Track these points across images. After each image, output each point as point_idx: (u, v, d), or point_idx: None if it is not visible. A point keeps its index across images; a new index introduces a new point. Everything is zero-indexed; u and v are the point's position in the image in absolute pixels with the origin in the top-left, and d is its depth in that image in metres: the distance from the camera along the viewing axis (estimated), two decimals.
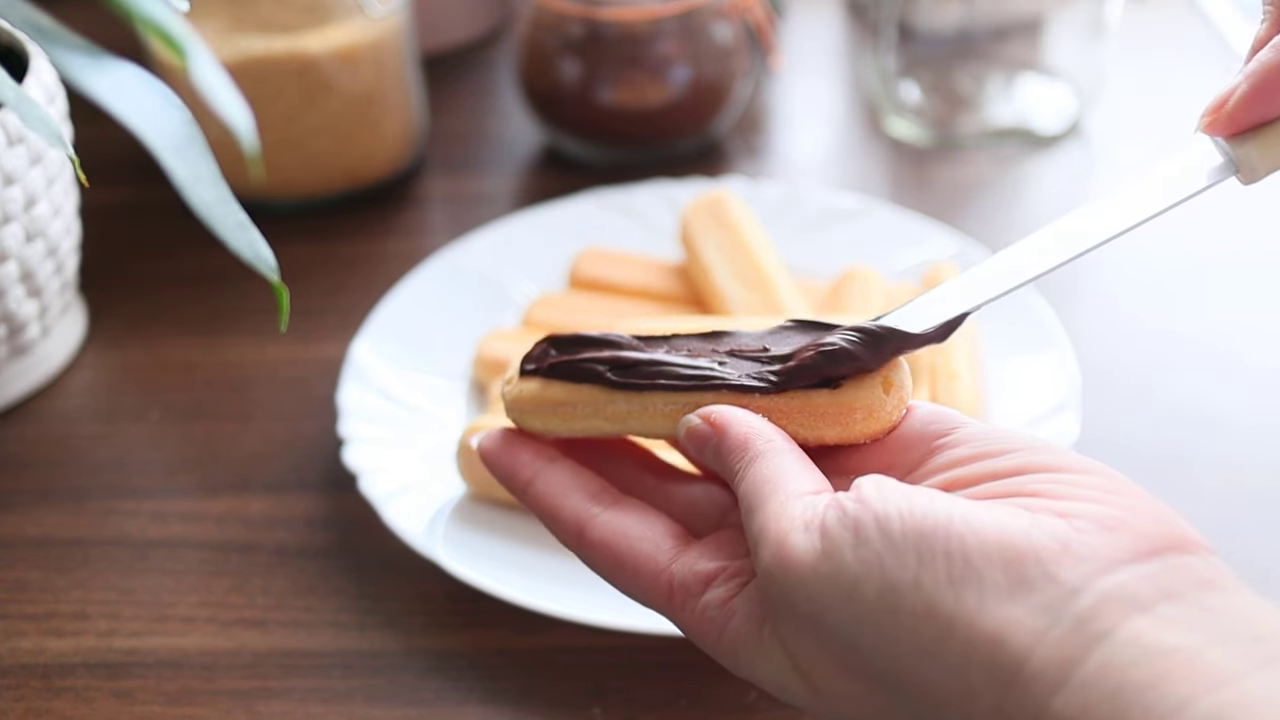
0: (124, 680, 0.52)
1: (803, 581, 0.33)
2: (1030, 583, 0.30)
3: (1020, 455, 0.34)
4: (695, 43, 0.77)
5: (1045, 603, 0.29)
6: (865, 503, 0.33)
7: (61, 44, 0.43)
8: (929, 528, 0.31)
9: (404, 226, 0.78)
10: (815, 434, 0.38)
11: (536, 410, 0.42)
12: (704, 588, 0.37)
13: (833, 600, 0.32)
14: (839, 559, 0.32)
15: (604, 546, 0.39)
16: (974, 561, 0.30)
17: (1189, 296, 0.70)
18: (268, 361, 0.68)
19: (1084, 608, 0.29)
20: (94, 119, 0.52)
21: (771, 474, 0.36)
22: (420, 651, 0.53)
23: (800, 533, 0.33)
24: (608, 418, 0.41)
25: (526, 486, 0.41)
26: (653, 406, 0.40)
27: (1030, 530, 0.31)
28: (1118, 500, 0.32)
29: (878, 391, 0.38)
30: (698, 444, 0.38)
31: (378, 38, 0.75)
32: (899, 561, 0.31)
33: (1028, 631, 0.29)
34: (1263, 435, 0.61)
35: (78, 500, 0.60)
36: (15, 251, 0.60)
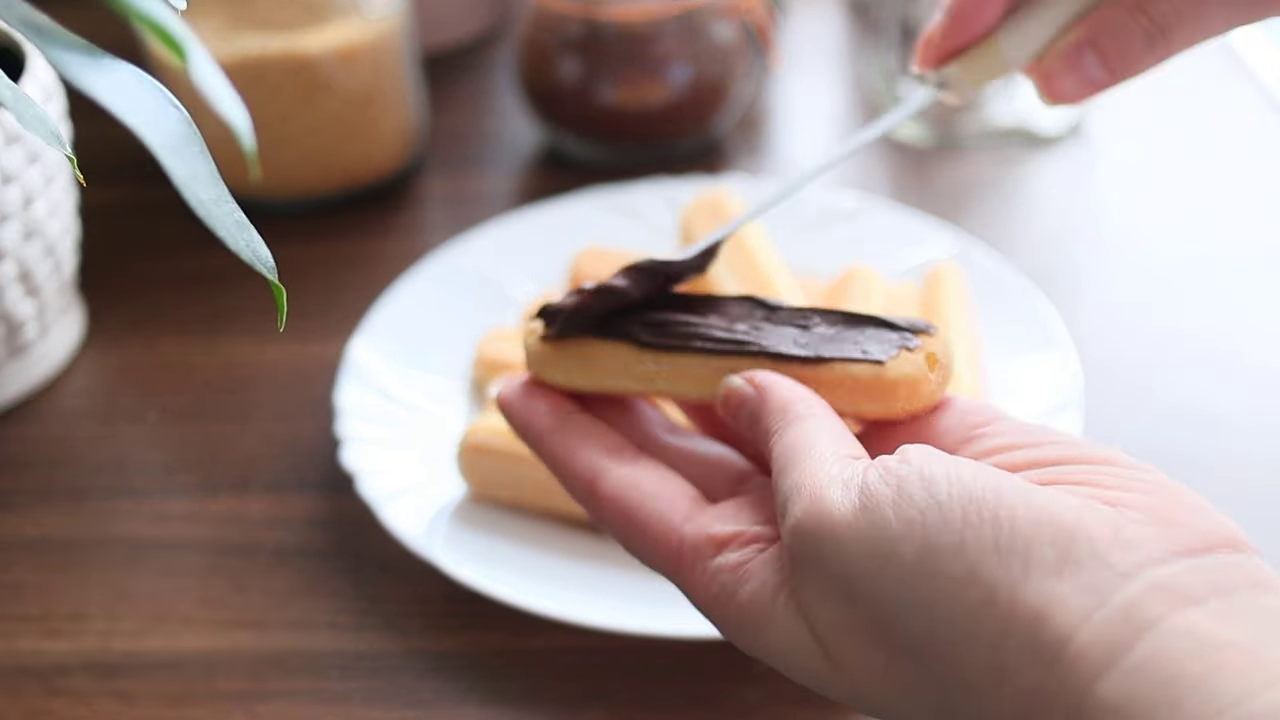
0: (122, 681, 0.52)
1: (836, 538, 0.31)
2: (1079, 562, 0.29)
3: (1064, 447, 0.33)
4: (695, 42, 0.77)
5: (1094, 584, 0.28)
6: (910, 463, 0.32)
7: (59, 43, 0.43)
8: (978, 493, 0.30)
9: (403, 226, 0.78)
10: (855, 408, 0.37)
11: (560, 362, 0.40)
12: (717, 550, 0.35)
13: (868, 559, 0.31)
14: (878, 515, 0.31)
15: (615, 500, 0.38)
16: (1022, 532, 0.29)
17: (1191, 296, 0.70)
18: (266, 361, 0.68)
19: (1134, 594, 0.28)
20: (92, 118, 0.52)
21: (811, 434, 0.35)
22: (419, 653, 0.53)
23: (838, 488, 0.32)
24: (636, 377, 0.40)
25: (542, 436, 0.40)
26: (685, 368, 0.39)
27: (1082, 511, 0.30)
28: (1167, 494, 0.31)
29: (922, 366, 0.37)
30: (736, 405, 0.38)
31: (376, 37, 0.75)
32: (943, 522, 0.30)
33: (1074, 610, 0.28)
34: (1264, 435, 0.61)
35: (76, 501, 0.60)
36: (13, 251, 0.60)
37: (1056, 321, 0.63)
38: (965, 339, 0.61)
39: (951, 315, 0.62)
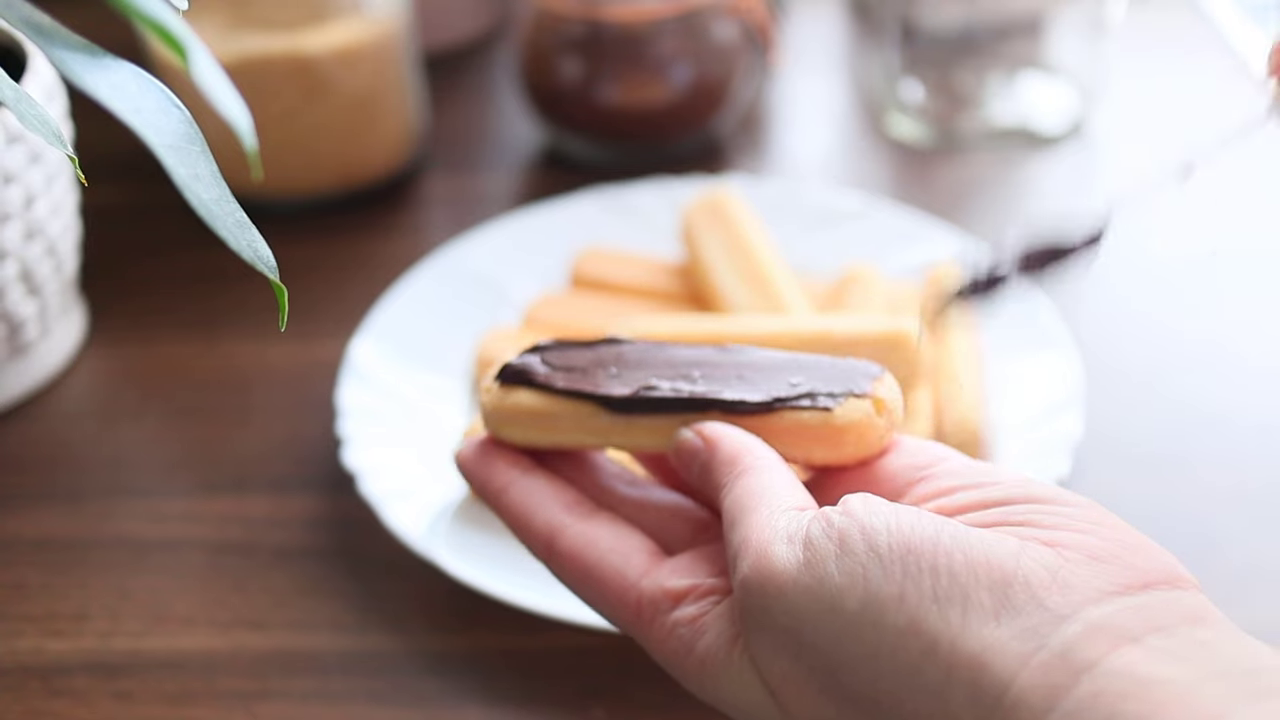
0: (123, 681, 0.52)
1: (782, 592, 0.32)
2: (1017, 607, 0.29)
3: (1007, 487, 0.34)
4: (696, 42, 0.77)
5: (1031, 627, 0.29)
6: (851, 515, 0.32)
7: (60, 43, 0.43)
8: (916, 543, 0.31)
9: (404, 226, 0.78)
10: (805, 454, 0.38)
11: (515, 420, 0.41)
12: (673, 605, 0.36)
13: (813, 612, 0.31)
14: (822, 570, 0.31)
15: (573, 558, 0.38)
16: (960, 579, 0.30)
17: (1192, 296, 0.70)
18: (267, 361, 0.68)
19: (1071, 636, 0.28)
20: (93, 118, 0.52)
21: (758, 488, 0.35)
22: (420, 652, 0.53)
23: (783, 543, 0.33)
24: (591, 431, 0.40)
25: (499, 494, 0.41)
26: (639, 423, 0.39)
27: (1019, 555, 0.30)
28: (1106, 533, 0.31)
29: (870, 413, 0.37)
30: (688, 458, 0.38)
31: (378, 37, 0.75)
32: (884, 574, 0.30)
33: (1012, 655, 0.29)
34: (1264, 435, 0.61)
35: (77, 500, 0.60)
36: (14, 250, 0.60)
37: (1057, 321, 0.63)
38: (965, 337, 0.61)
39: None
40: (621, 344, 0.42)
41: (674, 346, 0.41)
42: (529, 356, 0.42)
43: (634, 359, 0.41)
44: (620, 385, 0.40)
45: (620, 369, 0.40)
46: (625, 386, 0.40)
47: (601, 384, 0.40)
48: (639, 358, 0.41)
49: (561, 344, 0.42)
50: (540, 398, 0.41)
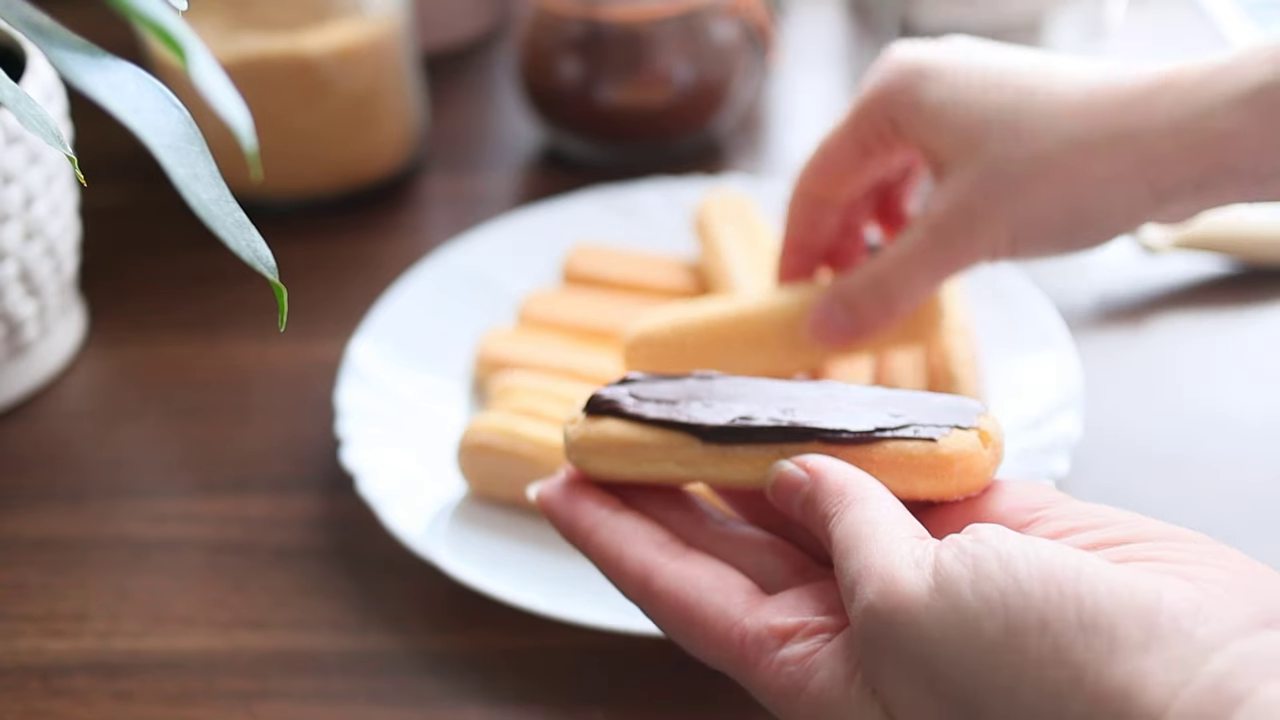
0: (123, 681, 0.52)
1: (913, 620, 0.31)
2: (1164, 638, 0.28)
3: (1127, 526, 0.33)
4: (696, 42, 0.77)
5: (1181, 659, 0.28)
6: (985, 541, 0.31)
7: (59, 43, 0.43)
8: (1057, 570, 0.30)
9: (404, 226, 0.78)
10: (908, 487, 0.37)
11: (603, 450, 0.39)
12: (781, 642, 0.35)
13: (948, 640, 0.30)
14: (956, 595, 0.30)
15: (672, 597, 0.37)
16: (1105, 609, 0.29)
17: (1191, 296, 0.70)
18: (267, 361, 0.68)
19: (1222, 667, 0.28)
20: (93, 118, 0.52)
21: (873, 515, 0.34)
22: (420, 652, 0.53)
23: (910, 568, 0.31)
24: (681, 461, 0.39)
25: (589, 534, 0.39)
26: (733, 453, 0.38)
27: (1161, 588, 0.29)
28: (1238, 567, 0.31)
29: (976, 443, 0.36)
30: (788, 491, 0.37)
31: (377, 37, 0.75)
32: (1025, 601, 0.29)
33: (1162, 686, 0.28)
34: (1264, 435, 0.61)
35: (76, 500, 0.60)
36: (14, 251, 0.60)
37: (1056, 321, 0.63)
38: (964, 338, 0.61)
39: (948, 315, 0.62)
40: (713, 378, 0.41)
41: (767, 381, 0.40)
42: (618, 388, 0.40)
43: (726, 392, 0.40)
44: (713, 415, 0.38)
45: (712, 401, 0.39)
46: (719, 417, 0.38)
47: (694, 414, 0.39)
48: (731, 390, 0.40)
49: (651, 376, 0.41)
50: (629, 427, 0.39)
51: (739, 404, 0.39)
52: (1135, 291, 0.70)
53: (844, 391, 0.39)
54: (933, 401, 0.38)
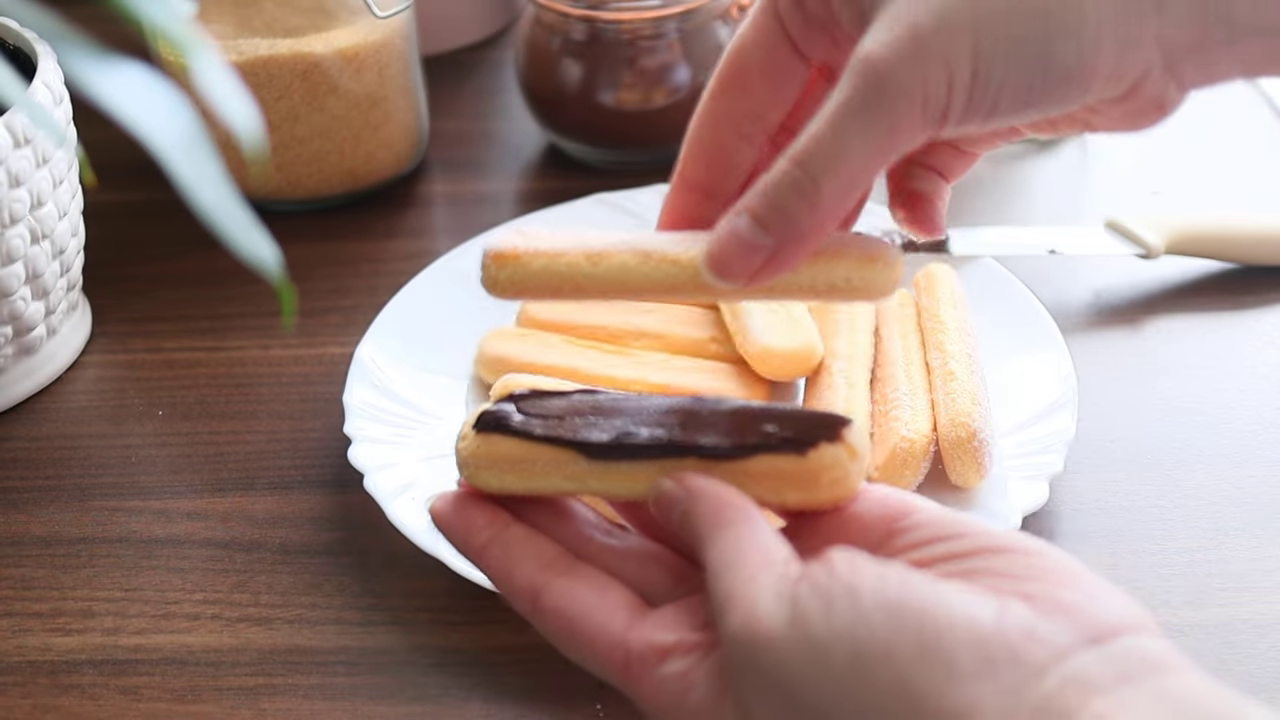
0: (130, 677, 0.52)
1: (771, 647, 0.33)
2: (997, 665, 0.30)
3: (977, 538, 0.35)
4: (696, 44, 0.77)
5: (1011, 685, 0.30)
6: (836, 574, 0.33)
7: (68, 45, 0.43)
8: (900, 603, 0.32)
9: (407, 227, 0.79)
10: (779, 498, 0.39)
11: (493, 466, 0.41)
12: (661, 660, 0.36)
13: (803, 667, 0.32)
14: (809, 627, 0.32)
15: (557, 615, 0.39)
16: (944, 639, 0.31)
17: (1190, 295, 0.70)
18: (272, 361, 0.68)
19: (1049, 690, 0.30)
20: (100, 121, 0.52)
21: (743, 541, 0.36)
22: (424, 648, 0.53)
23: (770, 600, 0.34)
24: (568, 476, 0.40)
25: (481, 552, 0.40)
26: (617, 469, 0.40)
27: (1000, 612, 0.31)
28: (1072, 583, 0.33)
29: (843, 457, 0.38)
30: (667, 507, 0.38)
31: (381, 40, 0.75)
32: (870, 633, 0.32)
33: (994, 713, 0.30)
34: (1258, 435, 0.61)
35: (83, 499, 0.61)
36: (22, 252, 0.61)
37: (1050, 322, 0.63)
38: (962, 339, 0.61)
39: (945, 315, 0.62)
40: (597, 393, 0.42)
41: (649, 396, 0.42)
42: (505, 405, 0.42)
43: (609, 407, 0.41)
44: (598, 432, 0.40)
45: (597, 417, 0.41)
46: (603, 433, 0.40)
47: (579, 431, 0.40)
48: (614, 406, 0.41)
49: (537, 393, 0.42)
50: (518, 444, 0.40)
51: (622, 419, 0.40)
52: (1130, 292, 0.71)
53: (725, 405, 0.41)
54: (808, 416, 0.40)
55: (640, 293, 0.40)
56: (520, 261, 0.40)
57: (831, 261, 0.39)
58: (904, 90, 0.35)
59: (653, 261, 0.39)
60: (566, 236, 0.41)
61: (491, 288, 0.41)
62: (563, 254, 0.40)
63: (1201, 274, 0.71)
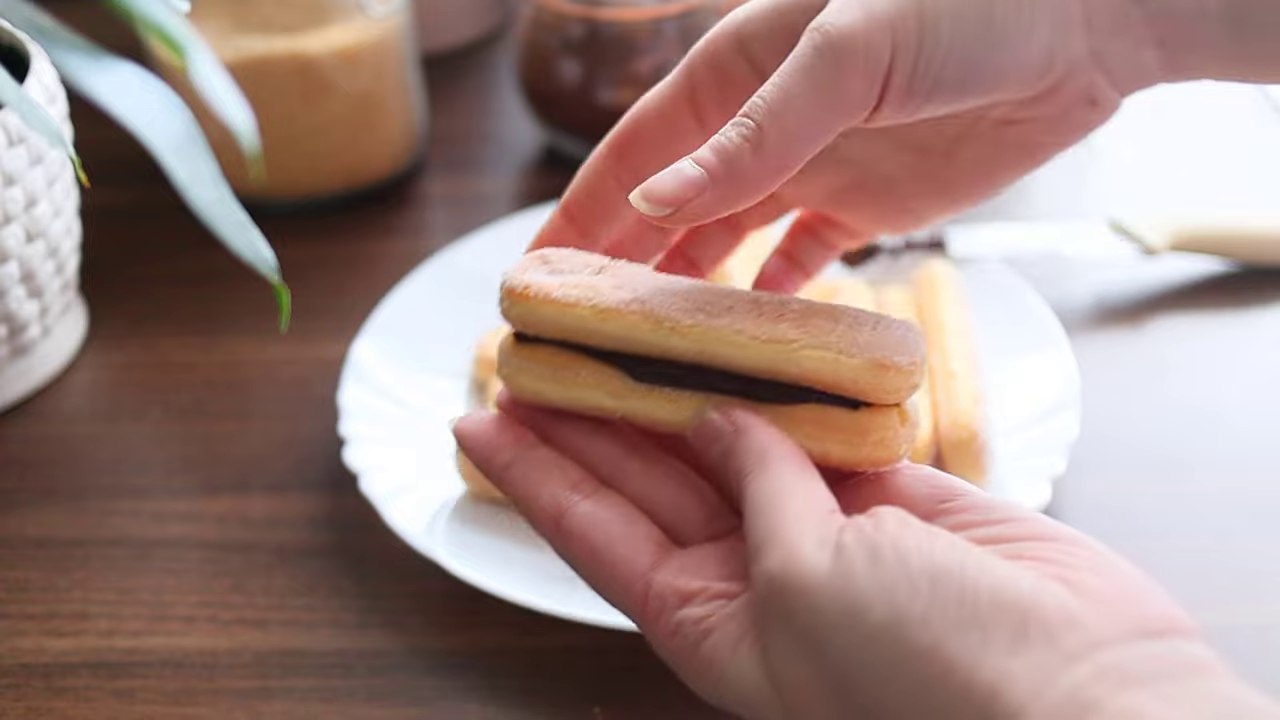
0: (125, 680, 0.52)
1: (807, 593, 0.32)
2: (1032, 642, 0.30)
3: (1024, 524, 0.34)
4: (695, 43, 0.77)
5: (1043, 664, 0.30)
6: (884, 530, 0.33)
7: (62, 44, 0.43)
8: (945, 568, 0.31)
9: (404, 226, 0.78)
10: (821, 448, 0.37)
11: (534, 369, 0.40)
12: (681, 604, 0.36)
13: (836, 618, 0.32)
14: (851, 579, 0.32)
15: (582, 539, 0.38)
16: (983, 609, 0.31)
17: (1190, 295, 0.70)
18: (268, 361, 0.68)
19: (1081, 676, 0.29)
20: (95, 119, 0.52)
21: (787, 481, 0.35)
22: (421, 651, 0.53)
23: (814, 544, 0.33)
24: (609, 392, 0.39)
25: (504, 470, 0.40)
26: (660, 393, 0.39)
27: (1039, 591, 0.31)
28: (1118, 577, 0.32)
29: (894, 420, 0.37)
30: (710, 439, 0.38)
31: (378, 38, 0.75)
32: (911, 593, 0.31)
33: (1024, 689, 0.29)
34: (1261, 435, 0.61)
35: (78, 500, 0.60)
36: (16, 252, 0.60)
37: (1053, 322, 0.63)
38: (962, 338, 0.61)
39: (946, 315, 0.62)
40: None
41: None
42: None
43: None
44: (650, 365, 0.39)
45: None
46: (654, 367, 0.39)
47: (629, 365, 0.39)
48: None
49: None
50: (562, 352, 0.40)
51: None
52: (1133, 292, 0.71)
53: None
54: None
55: (647, 354, 0.39)
56: (530, 305, 0.39)
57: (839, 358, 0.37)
58: (850, 51, 0.37)
59: (661, 330, 0.38)
60: (582, 281, 0.40)
61: (506, 318, 0.40)
62: (572, 306, 0.39)
63: (1204, 275, 0.71)
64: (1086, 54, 0.40)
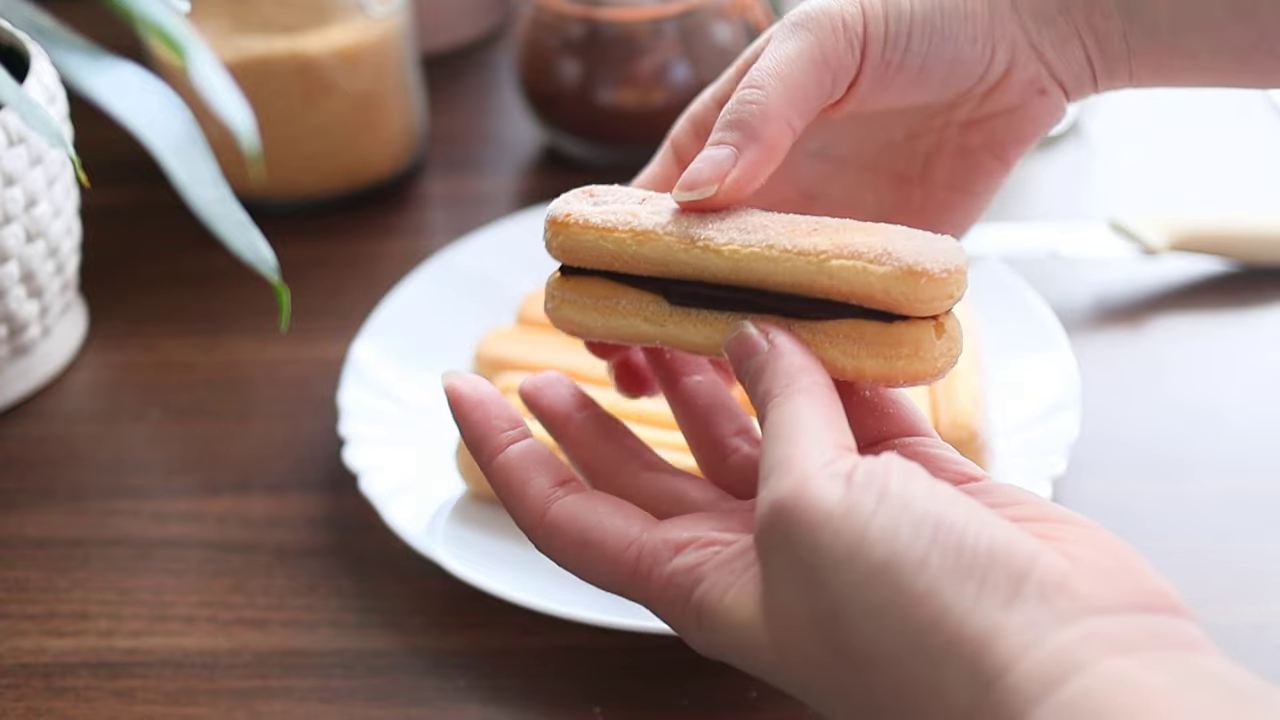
0: (124, 680, 0.52)
1: (813, 525, 0.32)
2: (1026, 598, 0.30)
3: (1035, 507, 0.35)
4: (695, 43, 0.77)
5: (1035, 620, 0.30)
6: (892, 473, 0.33)
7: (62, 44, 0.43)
8: (949, 518, 0.32)
9: (404, 226, 0.78)
10: (856, 363, 0.38)
11: (576, 299, 0.41)
12: (673, 554, 0.36)
13: (836, 554, 0.32)
14: (856, 516, 0.32)
15: (569, 523, 0.38)
16: (980, 561, 0.31)
17: (1190, 295, 0.70)
18: (268, 361, 0.68)
19: (1071, 638, 0.30)
20: (95, 120, 0.52)
21: (812, 413, 0.35)
22: (420, 651, 0.53)
23: (826, 478, 0.33)
24: (648, 318, 0.40)
25: (493, 456, 0.40)
26: (697, 316, 0.39)
27: (1037, 554, 0.31)
28: (1118, 557, 0.33)
29: (929, 333, 0.37)
30: (744, 353, 0.38)
31: (378, 38, 0.75)
32: (913, 537, 0.31)
33: (1015, 642, 0.30)
34: (1260, 435, 0.61)
35: (78, 500, 0.60)
36: (16, 252, 0.60)
37: (1053, 321, 0.63)
38: (964, 338, 0.61)
39: None
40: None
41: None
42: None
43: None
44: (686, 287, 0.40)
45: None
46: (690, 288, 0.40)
47: (668, 288, 0.40)
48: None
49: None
50: (604, 282, 0.41)
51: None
52: (1133, 292, 0.71)
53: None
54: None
55: (683, 275, 0.40)
56: (571, 231, 0.40)
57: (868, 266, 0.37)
58: (827, 19, 0.41)
59: (695, 249, 0.39)
60: (622, 209, 0.40)
61: (549, 249, 0.41)
62: (611, 230, 0.40)
63: (1204, 275, 0.71)
64: (1024, 40, 0.43)
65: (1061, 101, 0.45)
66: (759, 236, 0.38)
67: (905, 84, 0.43)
